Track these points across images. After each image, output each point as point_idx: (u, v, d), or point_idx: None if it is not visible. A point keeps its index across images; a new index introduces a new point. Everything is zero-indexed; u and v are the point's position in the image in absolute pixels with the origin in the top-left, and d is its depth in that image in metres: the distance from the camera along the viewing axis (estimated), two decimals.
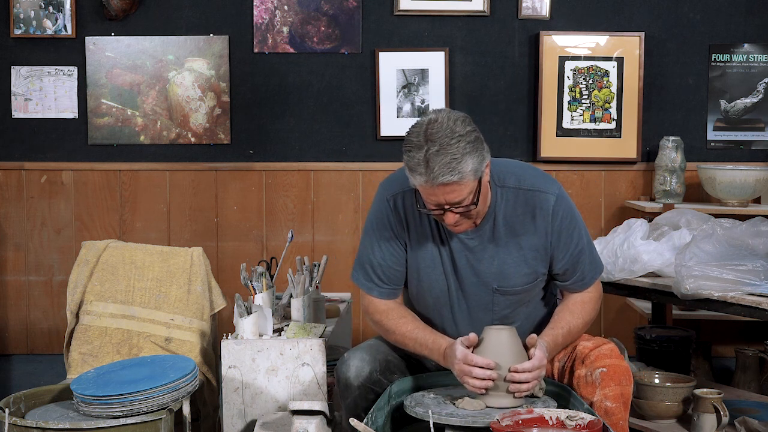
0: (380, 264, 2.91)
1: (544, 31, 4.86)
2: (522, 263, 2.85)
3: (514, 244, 2.84)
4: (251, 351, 3.30)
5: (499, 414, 2.51)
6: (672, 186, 4.62)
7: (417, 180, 2.65)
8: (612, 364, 2.78)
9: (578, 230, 2.88)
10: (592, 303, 2.94)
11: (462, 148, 2.61)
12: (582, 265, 2.90)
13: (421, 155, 2.61)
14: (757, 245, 3.31)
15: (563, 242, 2.85)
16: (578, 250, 2.88)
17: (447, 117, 2.66)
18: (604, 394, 2.76)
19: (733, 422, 3.38)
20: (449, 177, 2.60)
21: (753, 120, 4.92)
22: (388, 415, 2.77)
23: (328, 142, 4.95)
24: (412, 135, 2.66)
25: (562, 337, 2.84)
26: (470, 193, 2.67)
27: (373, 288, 2.94)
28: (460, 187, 2.64)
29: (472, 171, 2.63)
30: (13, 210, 4.97)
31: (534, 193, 2.84)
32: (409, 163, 2.65)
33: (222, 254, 4.95)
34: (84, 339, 3.68)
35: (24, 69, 4.93)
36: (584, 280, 2.92)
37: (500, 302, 2.89)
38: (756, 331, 4.91)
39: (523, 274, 2.86)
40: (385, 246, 2.90)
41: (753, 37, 4.89)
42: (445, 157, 2.59)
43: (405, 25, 4.91)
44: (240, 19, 4.91)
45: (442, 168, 2.59)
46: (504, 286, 2.86)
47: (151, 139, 4.94)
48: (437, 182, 2.61)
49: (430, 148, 2.60)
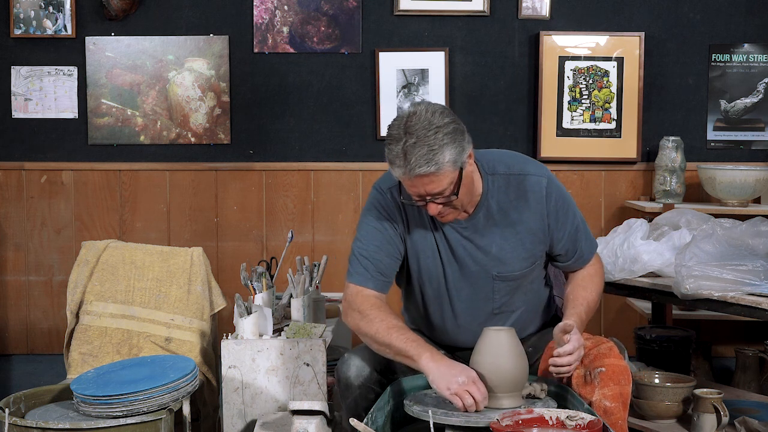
0: (371, 254, 2.90)
1: (544, 31, 4.86)
2: (519, 247, 2.89)
3: (509, 229, 2.88)
4: (251, 351, 3.30)
5: (499, 414, 2.51)
6: (672, 186, 4.62)
7: (397, 172, 2.70)
8: (611, 364, 2.78)
9: (572, 209, 2.95)
10: (599, 275, 3.03)
11: (440, 140, 2.65)
12: (580, 242, 2.97)
13: (399, 147, 2.66)
14: (757, 245, 3.31)
15: (561, 222, 2.92)
16: (575, 228, 2.95)
17: (425, 109, 2.70)
18: (603, 394, 2.76)
19: (733, 422, 3.38)
20: (426, 168, 2.64)
21: (753, 120, 4.92)
22: (388, 415, 2.77)
23: (328, 142, 4.95)
24: (393, 128, 2.71)
25: (585, 314, 2.89)
26: (450, 183, 2.69)
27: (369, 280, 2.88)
28: (438, 177, 2.67)
29: (450, 162, 2.66)
30: (13, 210, 4.97)
31: (525, 177, 2.89)
32: (389, 156, 2.70)
33: (222, 254, 4.95)
34: (84, 339, 3.68)
35: (24, 69, 4.93)
36: (584, 257, 3.00)
37: (500, 289, 2.91)
38: (756, 331, 4.91)
39: (522, 258, 2.90)
40: (378, 236, 2.90)
41: (753, 37, 4.89)
42: (422, 148, 2.63)
43: (405, 25, 4.91)
44: (240, 19, 4.91)
45: (419, 159, 2.63)
46: (503, 272, 2.89)
47: (151, 139, 4.94)
48: (414, 173, 2.65)
49: (408, 140, 2.65)
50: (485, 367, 2.65)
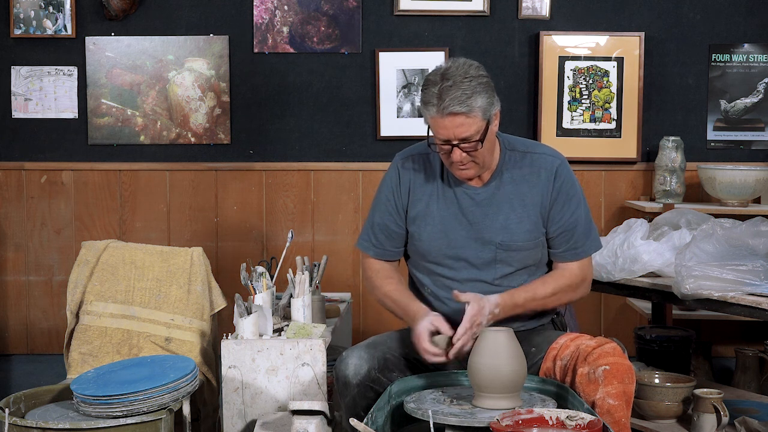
0: (381, 225, 3.09)
1: (544, 31, 4.86)
2: (525, 220, 2.98)
3: (518, 201, 2.99)
4: (251, 351, 3.30)
5: (499, 414, 2.51)
6: (672, 186, 4.62)
7: (430, 111, 2.85)
8: (614, 362, 2.79)
9: (577, 198, 3.02)
10: (571, 280, 3.03)
11: (474, 87, 2.83)
12: (576, 234, 3.01)
13: (436, 89, 2.84)
14: (757, 245, 3.30)
15: (560, 203, 2.99)
16: (574, 218, 3.00)
17: (463, 62, 2.90)
18: (606, 392, 2.77)
19: (733, 422, 3.38)
20: (458, 107, 2.81)
21: (753, 120, 4.92)
22: (388, 415, 2.77)
23: (328, 142, 4.95)
24: (430, 75, 2.89)
25: (523, 300, 2.95)
26: (477, 132, 2.85)
27: (369, 248, 3.13)
28: (468, 121, 2.83)
29: (480, 108, 2.84)
30: (13, 210, 4.97)
31: (541, 156, 3.04)
32: (423, 98, 2.87)
33: (222, 254, 4.95)
34: (84, 339, 3.68)
35: (24, 69, 4.93)
36: (577, 250, 3.02)
37: (503, 258, 2.99)
38: (756, 331, 4.91)
39: (526, 230, 2.98)
40: (389, 207, 3.08)
41: (753, 37, 4.89)
42: (457, 91, 2.81)
43: (405, 25, 4.91)
44: (240, 19, 4.91)
45: (453, 100, 2.81)
46: (506, 241, 2.97)
47: (151, 139, 4.94)
48: (447, 111, 2.81)
49: (444, 84, 2.83)
50: (484, 369, 2.65)
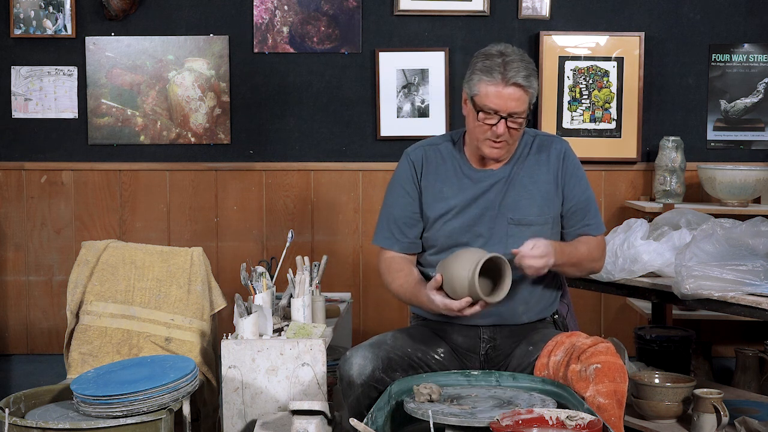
0: (401, 217, 3.14)
1: (544, 31, 4.86)
2: (537, 196, 3.08)
3: (529, 179, 3.09)
4: (251, 351, 3.30)
5: (499, 414, 2.51)
6: (672, 186, 4.62)
7: (493, 79, 2.92)
8: (606, 361, 2.80)
9: (585, 181, 3.16)
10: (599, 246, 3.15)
11: (532, 68, 2.96)
12: (590, 212, 3.14)
13: (500, 60, 2.92)
14: (757, 245, 3.30)
15: (574, 183, 3.12)
16: (586, 197, 3.13)
17: (516, 48, 3.00)
18: (596, 390, 2.77)
19: (733, 422, 3.38)
20: (522, 81, 2.91)
21: (753, 120, 4.92)
22: (388, 415, 2.77)
23: (328, 142, 4.95)
24: (488, 51, 2.98)
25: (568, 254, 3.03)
26: (525, 111, 2.97)
27: (394, 244, 3.15)
28: (525, 96, 2.95)
29: (534, 89, 2.96)
30: (13, 210, 4.97)
31: (549, 138, 3.18)
32: (484, 67, 2.94)
33: (222, 254, 4.95)
34: (84, 339, 3.68)
35: (24, 69, 4.93)
36: (591, 226, 3.14)
37: (514, 233, 3.04)
38: (756, 331, 4.91)
39: (537, 205, 3.08)
40: (407, 198, 3.13)
41: (753, 37, 4.90)
42: (521, 65, 2.93)
43: (405, 25, 4.92)
44: (240, 19, 4.91)
45: (519, 71, 2.91)
46: (517, 217, 3.06)
47: (151, 139, 4.94)
48: (512, 81, 2.91)
49: (507, 58, 2.93)
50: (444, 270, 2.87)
